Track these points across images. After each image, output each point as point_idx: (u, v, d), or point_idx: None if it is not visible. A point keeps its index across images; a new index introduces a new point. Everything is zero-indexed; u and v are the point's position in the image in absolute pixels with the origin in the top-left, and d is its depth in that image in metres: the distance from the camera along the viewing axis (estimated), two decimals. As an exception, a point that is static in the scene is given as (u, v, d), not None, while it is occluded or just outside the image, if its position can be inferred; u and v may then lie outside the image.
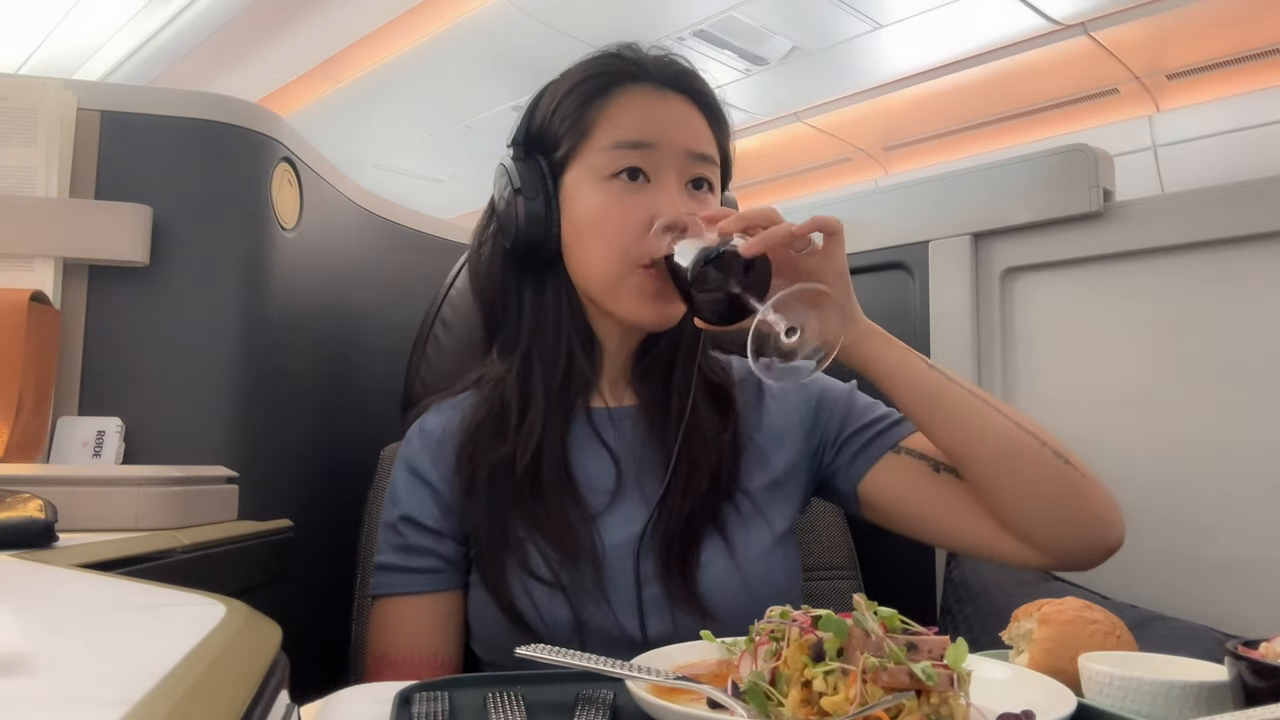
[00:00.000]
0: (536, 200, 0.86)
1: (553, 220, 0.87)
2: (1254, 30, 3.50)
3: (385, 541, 0.88)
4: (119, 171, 0.99)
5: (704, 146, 0.87)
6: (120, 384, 0.97)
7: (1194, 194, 1.03)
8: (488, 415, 0.88)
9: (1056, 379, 1.12)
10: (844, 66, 4.06)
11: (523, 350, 0.89)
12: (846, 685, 0.48)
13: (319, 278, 1.19)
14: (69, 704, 0.28)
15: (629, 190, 0.84)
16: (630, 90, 0.86)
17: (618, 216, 0.83)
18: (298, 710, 0.38)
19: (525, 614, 0.80)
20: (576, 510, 0.84)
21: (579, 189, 0.86)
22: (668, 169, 0.84)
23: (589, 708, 0.55)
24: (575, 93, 0.87)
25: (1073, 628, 0.62)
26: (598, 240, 0.85)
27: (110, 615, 0.45)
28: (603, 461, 0.87)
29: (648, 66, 0.87)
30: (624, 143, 0.84)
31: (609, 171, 0.84)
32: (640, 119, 0.85)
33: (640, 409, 0.90)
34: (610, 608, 0.81)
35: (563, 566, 0.81)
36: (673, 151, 0.84)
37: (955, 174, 1.20)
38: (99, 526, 0.78)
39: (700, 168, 0.86)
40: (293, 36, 3.94)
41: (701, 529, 0.84)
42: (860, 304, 0.82)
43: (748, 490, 0.88)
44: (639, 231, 0.83)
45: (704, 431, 0.87)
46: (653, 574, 0.82)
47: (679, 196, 0.84)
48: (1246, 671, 0.50)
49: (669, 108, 0.86)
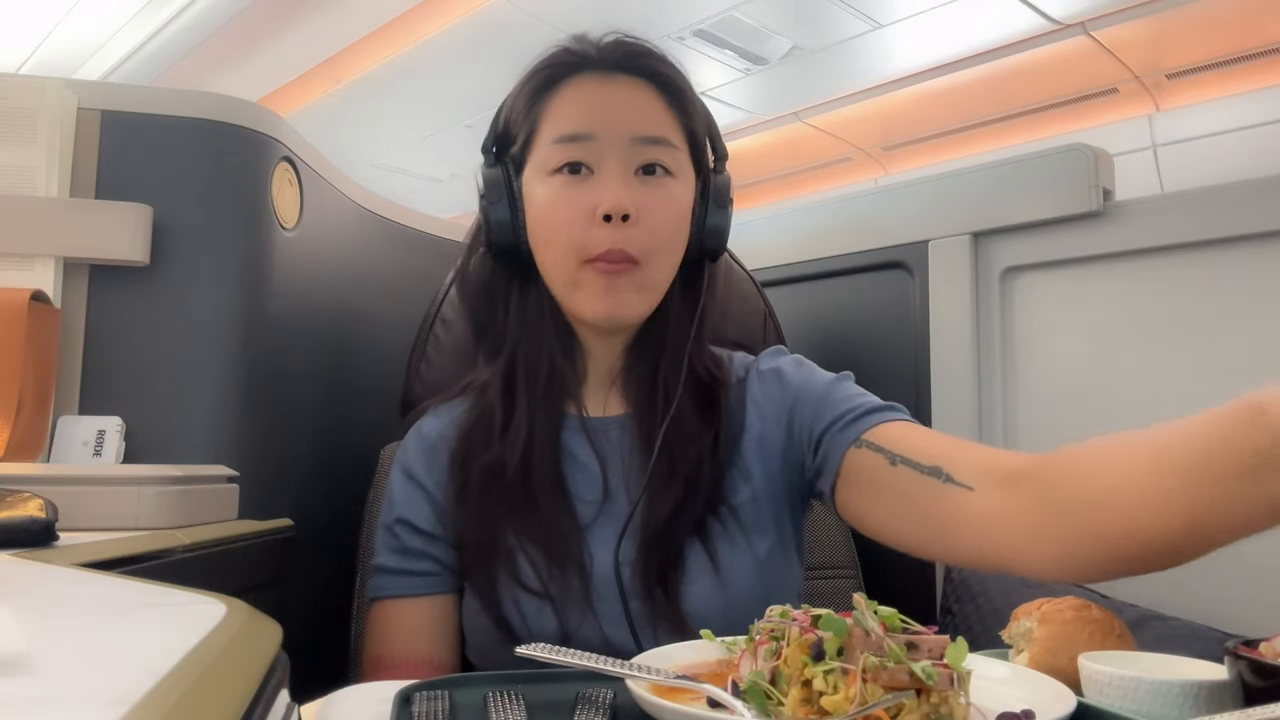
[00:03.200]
0: (500, 205, 0.85)
1: (519, 223, 0.85)
2: (1254, 30, 3.50)
3: (382, 544, 0.88)
4: (119, 171, 0.99)
5: (653, 129, 0.83)
6: (120, 383, 0.97)
7: (1194, 194, 1.03)
8: (477, 421, 0.87)
9: (1056, 378, 1.12)
10: (844, 66, 4.06)
11: (507, 355, 0.88)
12: (846, 684, 0.48)
13: (319, 278, 1.19)
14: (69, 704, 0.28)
15: (571, 184, 0.82)
16: (574, 81, 0.84)
17: (562, 211, 0.81)
18: (298, 710, 0.38)
19: (513, 624, 0.80)
20: (567, 519, 0.83)
21: (532, 188, 0.85)
22: (609, 158, 0.81)
23: (589, 707, 0.55)
24: (524, 90, 0.86)
25: (1072, 627, 0.62)
26: (549, 238, 0.83)
27: (110, 615, 0.45)
28: (591, 471, 0.86)
29: (592, 55, 0.85)
30: (563, 136, 0.82)
31: (551, 167, 0.82)
32: (579, 109, 0.83)
33: (628, 417, 0.89)
34: (597, 620, 0.79)
35: (551, 577, 0.80)
36: (614, 139, 0.81)
37: (955, 174, 1.20)
38: (99, 526, 0.78)
39: (650, 152, 0.82)
40: (293, 36, 3.94)
41: (683, 543, 0.82)
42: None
43: (732, 505, 0.85)
44: (583, 225, 0.80)
45: (686, 436, 0.85)
46: (636, 589, 0.80)
47: (622, 186, 0.80)
48: (1246, 671, 0.51)
49: (612, 92, 0.84)
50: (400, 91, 4.38)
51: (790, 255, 1.36)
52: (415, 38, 3.92)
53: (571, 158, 0.82)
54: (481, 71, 4.12)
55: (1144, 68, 3.84)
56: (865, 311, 1.25)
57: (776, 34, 3.77)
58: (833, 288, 1.26)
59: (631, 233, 0.80)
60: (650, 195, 0.82)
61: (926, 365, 1.18)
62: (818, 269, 1.29)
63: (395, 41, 3.97)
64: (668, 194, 0.83)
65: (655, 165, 0.83)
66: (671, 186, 0.84)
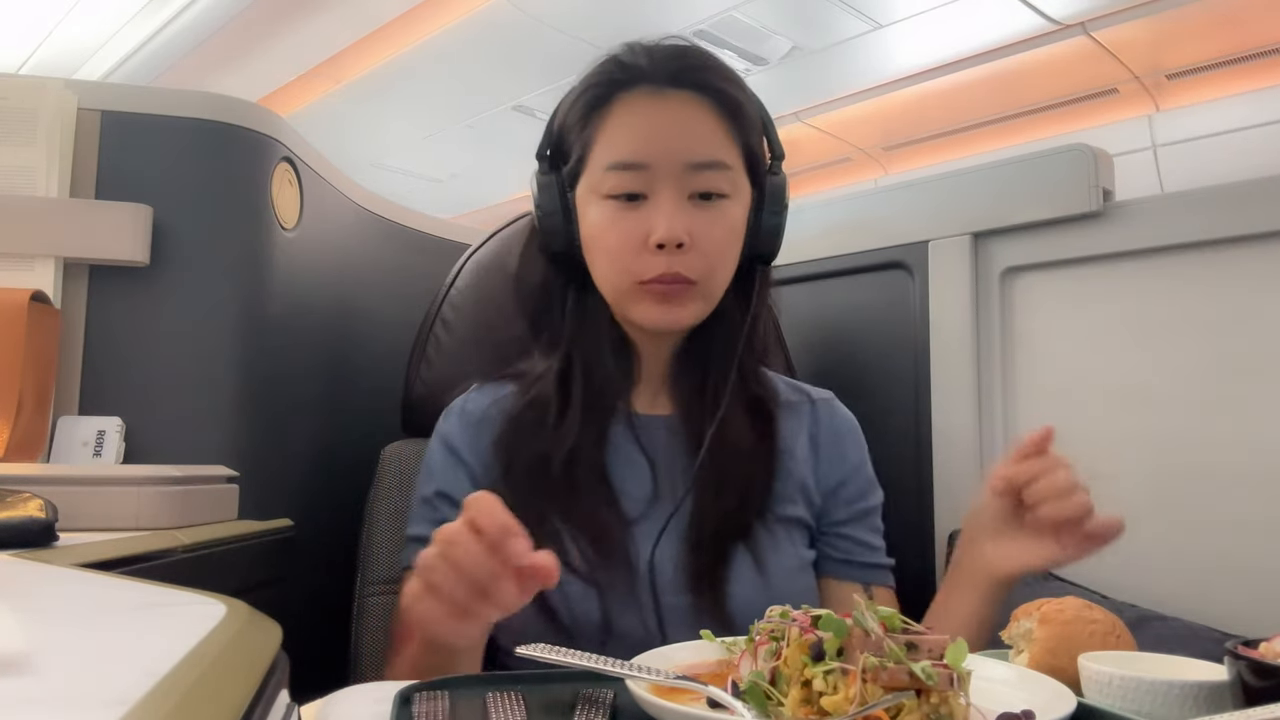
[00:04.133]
0: (555, 215, 0.86)
1: (573, 233, 0.87)
2: (1254, 30, 3.50)
3: (419, 516, 0.88)
4: (119, 171, 0.99)
5: (708, 153, 0.82)
6: (120, 384, 0.97)
7: (1194, 194, 1.03)
8: (527, 409, 0.88)
9: (1056, 378, 1.12)
10: (844, 66, 4.06)
11: (563, 351, 0.89)
12: (846, 685, 0.48)
13: (319, 278, 1.19)
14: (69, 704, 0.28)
15: (624, 210, 0.83)
16: (626, 99, 0.84)
17: (614, 238, 0.83)
18: (298, 710, 0.38)
19: (557, 609, 0.80)
20: (611, 513, 0.84)
21: (585, 205, 0.86)
22: (663, 185, 0.82)
23: (589, 708, 0.55)
24: (577, 106, 0.86)
25: (1072, 627, 0.62)
26: (601, 256, 0.85)
27: (110, 615, 0.45)
28: (639, 468, 0.87)
29: (645, 68, 0.84)
30: (617, 164, 0.82)
31: (604, 192, 0.83)
32: (632, 135, 0.83)
33: (676, 417, 0.90)
34: (639, 612, 0.81)
35: (597, 565, 0.81)
36: (668, 167, 0.81)
37: (955, 174, 1.20)
38: (99, 526, 0.78)
39: (705, 179, 0.82)
40: (293, 36, 3.94)
41: (730, 544, 0.84)
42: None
43: (779, 514, 0.87)
44: (635, 251, 0.82)
45: (736, 443, 0.86)
46: (682, 584, 0.82)
47: (676, 214, 0.81)
48: (1246, 671, 0.50)
49: (666, 113, 0.83)
50: (400, 91, 4.38)
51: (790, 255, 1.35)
52: (415, 38, 3.92)
53: (625, 188, 0.82)
54: (481, 71, 4.12)
55: (1144, 68, 3.84)
56: (865, 311, 1.25)
57: (776, 34, 3.77)
58: (833, 288, 1.26)
59: (686, 258, 0.82)
60: (705, 220, 0.82)
61: (926, 365, 1.18)
62: (818, 269, 1.29)
63: (395, 41, 3.97)
64: (722, 216, 0.84)
65: (710, 193, 0.83)
66: (726, 208, 0.84)
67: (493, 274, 1.11)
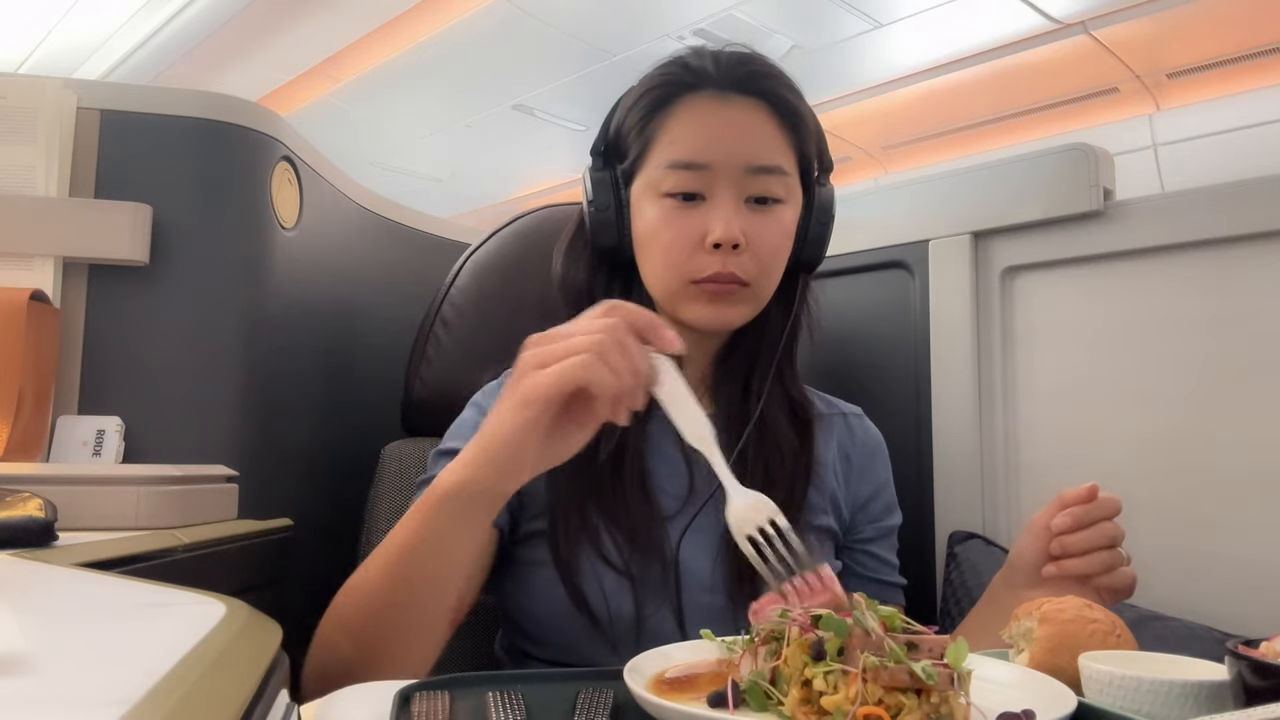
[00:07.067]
0: (608, 211, 0.87)
1: (624, 229, 0.87)
2: (1254, 30, 3.50)
3: (437, 464, 0.85)
4: (119, 171, 0.99)
5: (767, 158, 0.84)
6: (120, 383, 0.97)
7: (1194, 193, 1.03)
8: None
9: (1056, 377, 1.12)
10: (844, 66, 4.06)
11: None
12: (846, 684, 0.48)
13: (319, 277, 1.19)
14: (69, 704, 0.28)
15: (682, 209, 0.84)
16: (689, 101, 0.85)
17: (671, 235, 0.84)
18: (298, 710, 0.38)
19: (592, 601, 0.80)
20: (649, 509, 0.84)
21: (641, 202, 0.86)
22: (722, 187, 0.83)
23: (589, 707, 0.55)
24: (639, 104, 0.87)
25: (1073, 627, 0.62)
26: (655, 254, 0.85)
27: (110, 615, 0.45)
28: (676, 466, 0.88)
29: (710, 72, 0.85)
30: (678, 163, 0.83)
31: (663, 190, 0.84)
32: (695, 136, 0.84)
33: (714, 417, 0.90)
34: (672, 609, 0.81)
35: (633, 558, 0.82)
36: (728, 169, 0.83)
37: (955, 173, 1.20)
38: (99, 525, 0.78)
39: (762, 183, 0.84)
40: (293, 36, 3.94)
41: None
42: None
43: (812, 523, 0.88)
44: (690, 250, 0.83)
45: (779, 446, 0.87)
46: (718, 584, 0.83)
47: (733, 216, 0.82)
48: (1246, 671, 0.50)
49: (729, 117, 0.84)
50: (400, 91, 4.38)
51: (790, 255, 1.36)
52: (415, 37, 3.92)
53: (685, 187, 0.83)
54: (481, 70, 4.12)
55: (1144, 67, 3.84)
56: (865, 311, 1.25)
57: (776, 33, 3.77)
58: (833, 287, 1.26)
59: (740, 259, 0.83)
60: (760, 223, 0.84)
61: (926, 365, 1.18)
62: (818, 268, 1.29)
63: (395, 41, 3.97)
64: (776, 220, 0.85)
65: (766, 197, 0.85)
66: (781, 213, 0.86)
67: (492, 274, 1.11)
